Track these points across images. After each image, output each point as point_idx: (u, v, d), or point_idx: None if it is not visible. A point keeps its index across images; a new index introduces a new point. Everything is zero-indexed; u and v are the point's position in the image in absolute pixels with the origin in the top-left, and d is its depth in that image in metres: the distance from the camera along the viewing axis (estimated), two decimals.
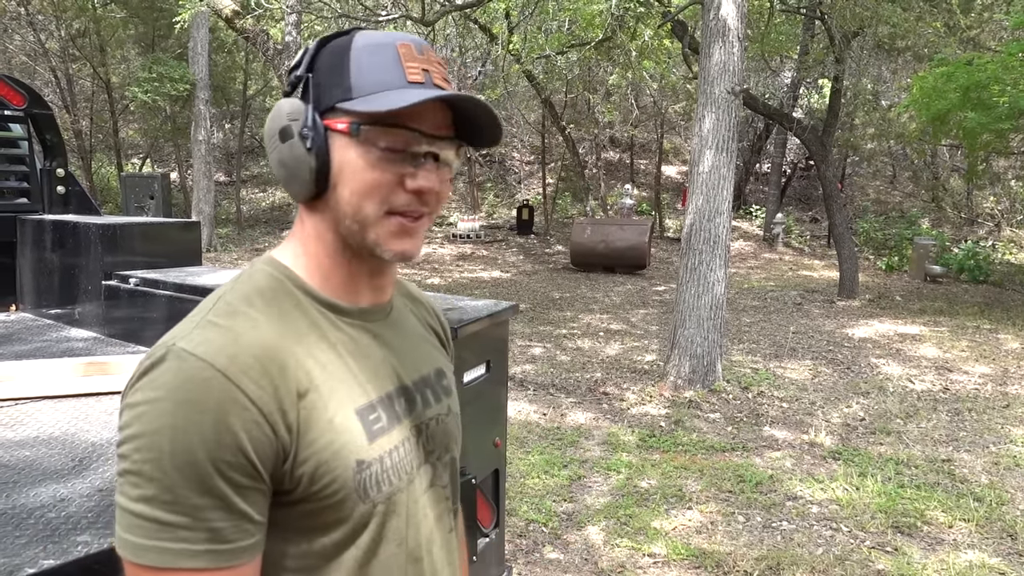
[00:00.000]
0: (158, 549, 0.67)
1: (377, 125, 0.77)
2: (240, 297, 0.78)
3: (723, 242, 5.78)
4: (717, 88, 5.67)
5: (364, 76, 0.78)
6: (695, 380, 5.77)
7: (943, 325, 8.72)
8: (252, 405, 0.70)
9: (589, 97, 16.50)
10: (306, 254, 0.84)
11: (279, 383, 0.73)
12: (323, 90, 0.80)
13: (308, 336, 0.79)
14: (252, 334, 0.74)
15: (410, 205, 0.80)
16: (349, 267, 0.84)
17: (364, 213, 0.79)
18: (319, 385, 0.77)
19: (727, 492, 4.01)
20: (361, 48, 0.80)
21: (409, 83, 0.78)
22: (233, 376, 0.70)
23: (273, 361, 0.74)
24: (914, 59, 13.37)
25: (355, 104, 0.77)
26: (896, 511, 3.77)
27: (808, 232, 17.40)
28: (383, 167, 0.78)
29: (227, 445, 0.68)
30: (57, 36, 17.02)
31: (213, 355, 0.71)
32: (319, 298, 0.82)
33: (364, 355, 0.83)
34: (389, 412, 0.83)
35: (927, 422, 5.24)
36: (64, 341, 2.50)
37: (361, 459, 0.78)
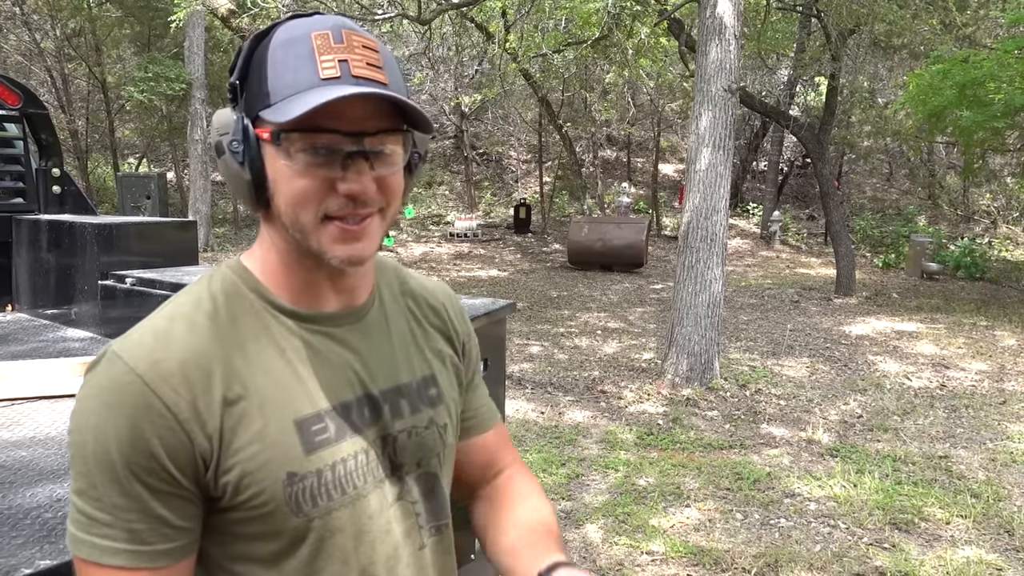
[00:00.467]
0: (88, 543, 0.70)
1: (295, 132, 0.72)
2: (191, 300, 0.78)
3: (720, 240, 5.78)
4: (714, 86, 5.67)
5: (278, 78, 0.74)
6: (693, 378, 5.77)
7: (940, 322, 8.74)
8: (167, 412, 0.70)
9: (586, 95, 16.52)
10: (264, 260, 0.82)
11: (201, 390, 0.72)
12: (249, 99, 0.76)
13: (254, 342, 0.77)
14: (185, 339, 0.74)
15: (344, 208, 0.75)
16: (307, 273, 0.81)
17: (301, 222, 0.75)
18: (255, 393, 0.75)
19: (725, 490, 4.02)
20: (277, 45, 0.75)
21: (322, 81, 0.72)
22: (151, 382, 0.70)
23: (200, 367, 0.73)
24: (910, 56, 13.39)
25: (270, 113, 0.73)
26: (894, 508, 3.78)
27: (805, 230, 17.42)
28: (310, 173, 0.74)
29: (141, 450, 0.70)
30: (53, 36, 16.96)
31: (137, 360, 0.71)
32: (274, 303, 0.80)
33: (320, 362, 0.80)
34: (342, 422, 0.80)
35: (924, 419, 5.25)
36: (60, 341, 2.49)
37: (293, 471, 0.75)
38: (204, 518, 0.76)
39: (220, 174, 0.81)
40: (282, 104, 0.72)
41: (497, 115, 19.53)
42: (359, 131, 0.73)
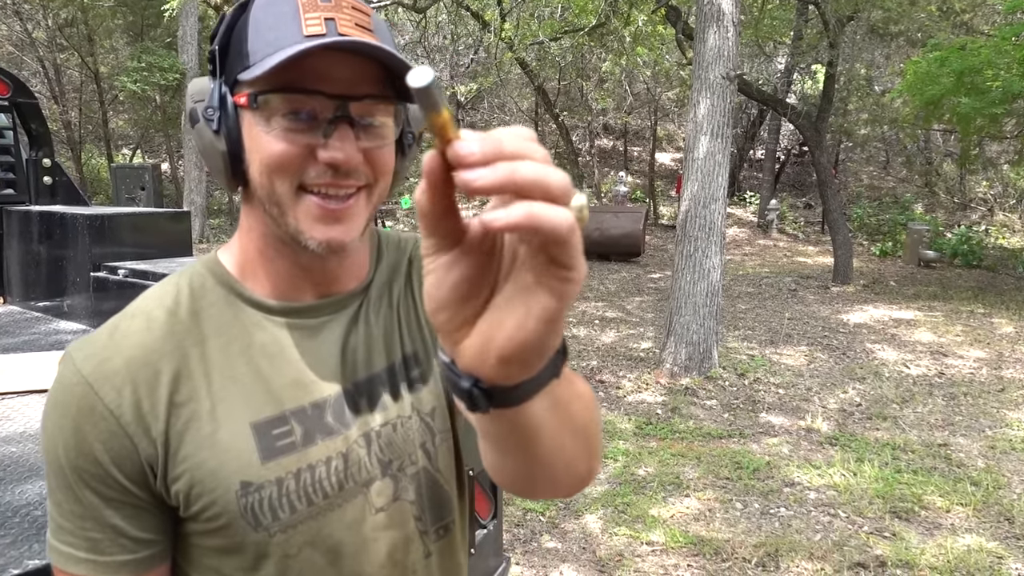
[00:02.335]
0: (56, 549, 0.69)
1: (273, 92, 0.66)
2: (156, 295, 0.73)
3: (719, 229, 5.75)
4: (712, 73, 5.62)
5: (259, 38, 0.67)
6: (691, 367, 5.76)
7: (937, 310, 8.73)
8: (109, 415, 0.66)
9: (582, 84, 16.44)
10: (241, 249, 0.76)
11: (146, 391, 0.67)
12: (228, 64, 0.70)
13: (216, 338, 0.71)
14: (137, 336, 0.69)
15: (323, 177, 0.67)
16: (284, 262, 0.73)
17: (277, 193, 0.68)
18: (208, 394, 0.69)
19: (724, 479, 4.00)
20: (260, 5, 0.68)
21: (305, 38, 0.65)
22: (94, 383, 0.67)
23: (147, 365, 0.68)
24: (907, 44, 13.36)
25: (247, 74, 0.66)
26: (894, 496, 3.77)
27: (802, 218, 17.40)
28: (289, 139, 0.66)
29: (86, 456, 0.66)
30: (44, 26, 16.82)
31: (85, 359, 0.68)
32: (244, 296, 0.74)
33: (291, 359, 0.73)
34: (314, 423, 0.72)
35: (923, 407, 5.24)
36: (53, 334, 2.46)
37: (247, 480, 0.68)
38: (173, 528, 0.72)
39: (198, 149, 0.73)
40: (260, 63, 0.66)
41: (493, 104, 19.45)
42: (345, 94, 0.66)
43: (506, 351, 0.42)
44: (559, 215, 0.37)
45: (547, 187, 0.38)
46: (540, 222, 0.37)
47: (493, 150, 0.37)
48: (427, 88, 0.37)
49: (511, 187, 0.37)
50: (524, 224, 0.37)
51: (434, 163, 0.39)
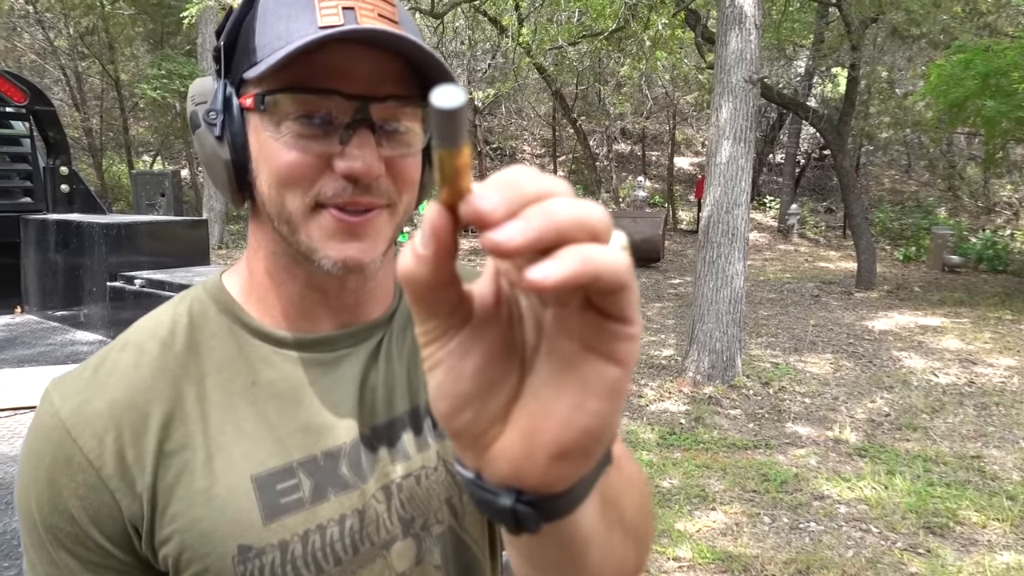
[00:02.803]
0: None
1: (283, 92, 0.57)
2: (149, 324, 0.65)
3: (742, 234, 5.65)
4: (734, 77, 5.53)
5: (268, 30, 0.58)
6: (714, 375, 5.65)
7: (964, 316, 8.55)
8: (89, 466, 0.57)
9: (600, 89, 16.37)
10: (249, 272, 0.67)
11: (131, 439, 0.58)
12: (236, 60, 0.61)
13: (216, 375, 0.62)
14: (122, 375, 0.60)
15: (342, 194, 0.58)
16: (298, 286, 0.65)
17: (287, 209, 0.59)
18: (204, 442, 0.60)
19: (751, 492, 3.90)
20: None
21: (320, 29, 0.56)
22: (72, 428, 0.58)
23: (133, 408, 0.59)
24: (930, 46, 13.15)
25: (253, 72, 0.58)
26: (927, 511, 3.65)
27: (823, 223, 17.20)
28: (301, 146, 0.58)
29: (61, 511, 0.58)
30: (66, 34, 17.01)
31: (64, 400, 0.59)
32: (250, 326, 0.65)
33: (302, 399, 0.63)
34: (326, 476, 0.62)
35: (954, 417, 5.10)
36: (69, 345, 2.42)
37: (246, 544, 0.58)
38: None
39: (200, 158, 0.64)
40: (267, 59, 0.57)
41: (510, 109, 19.42)
42: (365, 94, 0.58)
43: (562, 444, 0.32)
44: (616, 257, 0.29)
45: (591, 226, 0.29)
46: (599, 269, 0.28)
47: (517, 196, 0.29)
48: (455, 112, 0.28)
49: (552, 236, 0.28)
50: (582, 274, 0.28)
51: (443, 222, 0.30)
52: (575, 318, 0.31)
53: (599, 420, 0.32)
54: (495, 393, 0.33)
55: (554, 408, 0.32)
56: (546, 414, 0.32)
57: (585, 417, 0.32)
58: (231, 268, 0.70)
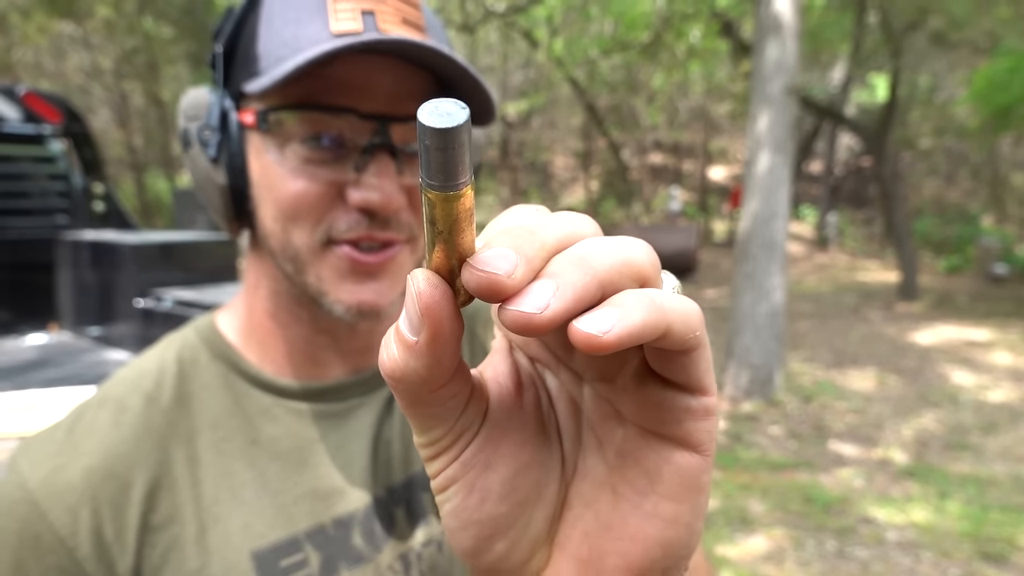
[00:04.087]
0: None
1: (289, 110, 0.50)
2: (133, 374, 0.57)
3: (780, 247, 5.51)
4: (772, 86, 5.41)
5: (273, 36, 0.51)
6: (753, 391, 5.51)
7: (1014, 329, 8.25)
8: (60, 546, 0.49)
9: (633, 101, 16.29)
10: (247, 312, 0.59)
11: (110, 513, 0.50)
12: (233, 71, 0.54)
13: (210, 432, 0.54)
14: (100, 436, 0.52)
15: (357, 228, 0.51)
16: (299, 328, 0.57)
17: (293, 245, 0.52)
18: (195, 513, 0.52)
19: (794, 514, 3.76)
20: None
21: (334, 36, 0.49)
22: (42, 500, 0.49)
23: (113, 476, 0.51)
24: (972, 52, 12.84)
25: (255, 84, 0.50)
26: (982, 536, 3.47)
27: (862, 233, 16.84)
28: (309, 173, 0.51)
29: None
30: (111, 55, 17.50)
31: (34, 467, 0.51)
32: (249, 374, 0.57)
33: (307, 459, 0.56)
34: (336, 548, 0.55)
35: (1007, 436, 4.88)
36: (100, 365, 2.41)
37: None
38: None
39: (192, 179, 0.56)
40: (272, 70, 0.49)
41: (543, 122, 19.43)
42: (385, 113, 0.50)
43: (634, 567, 0.24)
44: (686, 304, 0.22)
45: (638, 269, 0.22)
46: (670, 318, 0.21)
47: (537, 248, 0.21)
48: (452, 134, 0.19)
49: (594, 291, 0.21)
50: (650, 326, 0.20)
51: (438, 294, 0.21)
52: (629, 394, 0.23)
53: (679, 529, 0.24)
54: (534, 510, 0.25)
55: (616, 519, 0.24)
56: (607, 528, 0.24)
57: (660, 527, 0.24)
58: (226, 308, 0.62)
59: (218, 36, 0.55)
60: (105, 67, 17.75)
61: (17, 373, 2.28)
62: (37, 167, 3.06)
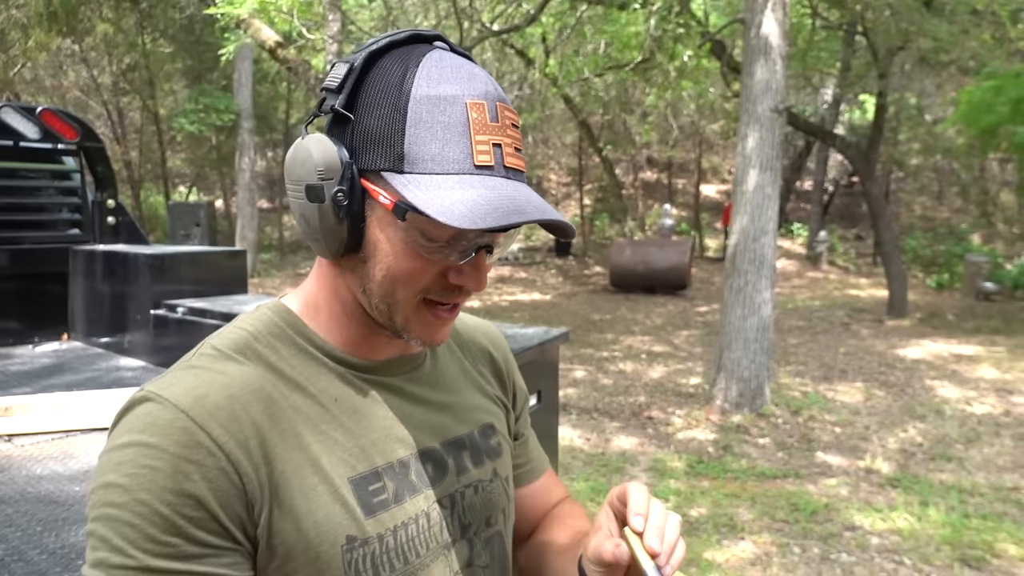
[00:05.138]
0: None
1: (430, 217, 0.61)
2: (230, 342, 0.69)
3: (769, 262, 5.65)
4: (760, 106, 5.58)
5: (421, 144, 0.62)
6: (743, 404, 5.62)
7: (1000, 345, 8.40)
8: (218, 450, 0.60)
9: (626, 118, 16.49)
10: (317, 305, 0.72)
11: (251, 432, 0.62)
12: (367, 146, 0.64)
13: (301, 390, 0.68)
14: (229, 377, 0.64)
15: (449, 296, 0.68)
16: (366, 325, 0.72)
17: (396, 298, 0.67)
18: (304, 446, 0.65)
19: (781, 521, 3.87)
20: (422, 100, 0.62)
21: (476, 168, 0.62)
22: (197, 417, 0.60)
23: (247, 407, 0.63)
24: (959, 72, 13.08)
25: (407, 187, 0.61)
26: (962, 543, 3.59)
27: (852, 250, 17.04)
28: (426, 255, 0.64)
29: (187, 497, 0.58)
30: (109, 71, 17.64)
31: (179, 396, 0.61)
32: (325, 349, 0.71)
33: (374, 414, 0.71)
34: (401, 481, 0.70)
35: (990, 448, 5.01)
36: (114, 371, 2.52)
37: (352, 535, 0.65)
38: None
39: (294, 208, 0.67)
40: (424, 181, 0.61)
41: (537, 139, 19.62)
42: (486, 229, 0.61)
43: None
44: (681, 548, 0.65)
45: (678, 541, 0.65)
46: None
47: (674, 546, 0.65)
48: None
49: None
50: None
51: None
52: None
53: None
54: None
55: None
56: None
57: None
58: (292, 296, 0.75)
59: (339, 91, 0.65)
60: (103, 83, 17.89)
61: (36, 378, 2.38)
62: (53, 182, 3.18)
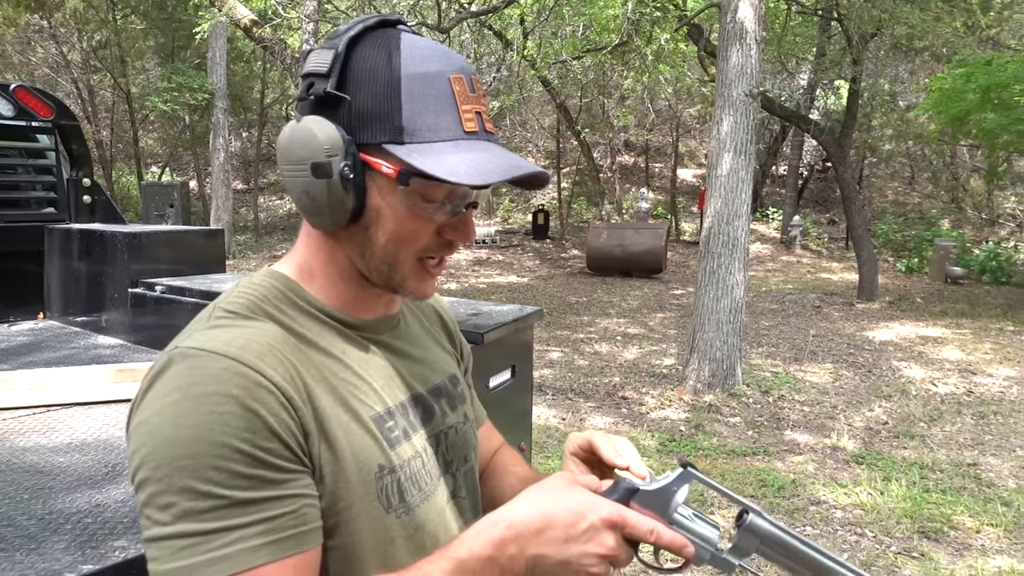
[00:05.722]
0: (210, 561, 0.60)
1: (427, 179, 0.69)
2: (240, 304, 0.74)
3: (742, 245, 5.75)
4: (735, 91, 5.65)
5: (417, 117, 0.70)
6: (715, 384, 5.74)
7: (965, 327, 8.62)
8: (275, 388, 0.65)
9: (604, 101, 16.51)
10: (313, 272, 0.78)
11: (295, 373, 0.69)
12: (366, 123, 0.71)
13: (314, 344, 0.74)
14: (258, 331, 0.70)
15: (442, 251, 0.77)
16: (358, 288, 0.79)
17: (399, 259, 0.75)
18: (332, 388, 0.72)
19: (749, 497, 3.98)
20: (412, 77, 0.70)
21: (466, 134, 0.71)
22: (249, 362, 0.65)
23: (284, 355, 0.69)
24: (932, 59, 13.27)
25: (411, 155, 0.69)
26: (922, 516, 3.73)
27: (826, 234, 17.28)
28: (426, 215, 0.73)
29: (261, 431, 0.63)
30: (79, 48, 17.28)
31: (225, 347, 0.66)
32: (324, 310, 0.77)
33: (374, 365, 0.79)
34: (405, 421, 0.79)
35: (952, 426, 5.17)
36: (92, 348, 2.53)
37: (383, 463, 0.73)
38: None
39: (293, 186, 0.73)
40: (425, 149, 0.70)
41: (515, 121, 19.59)
42: (470, 185, 0.70)
43: None
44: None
45: None
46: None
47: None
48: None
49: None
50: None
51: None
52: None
53: None
54: None
55: None
56: None
57: None
58: (285, 264, 0.81)
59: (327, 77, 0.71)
60: (73, 60, 17.52)
61: (13, 356, 2.39)
62: (27, 160, 3.16)
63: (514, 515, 0.68)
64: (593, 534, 0.69)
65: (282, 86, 19.62)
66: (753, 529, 0.75)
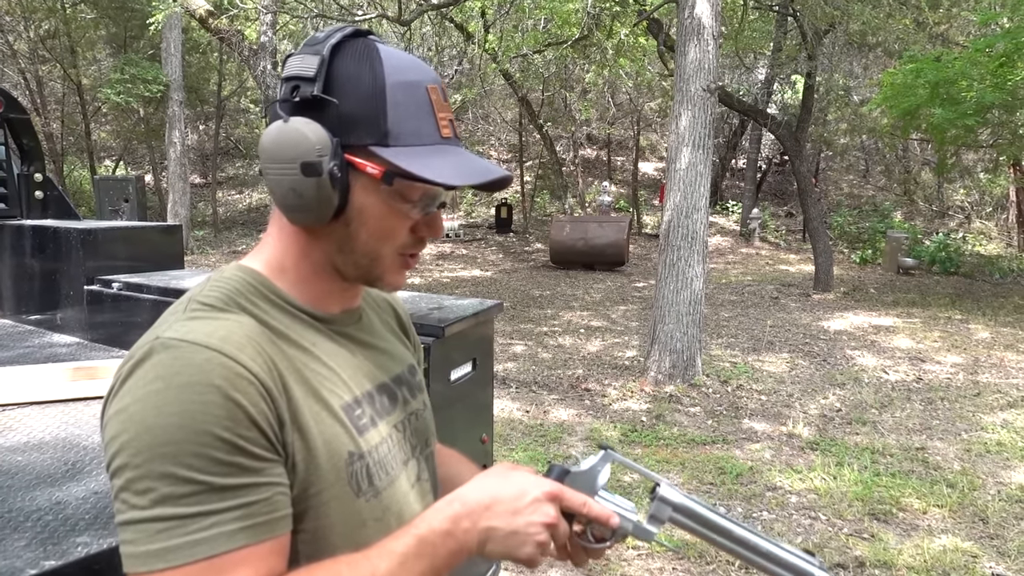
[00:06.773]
0: (188, 544, 0.63)
1: (410, 180, 0.75)
2: (215, 298, 0.76)
3: (701, 238, 5.85)
4: (693, 86, 5.73)
5: (401, 122, 0.76)
6: (675, 375, 5.84)
7: (916, 316, 8.89)
8: (255, 379, 0.68)
9: (566, 95, 16.58)
10: (284, 267, 0.81)
11: (272, 365, 0.72)
12: (352, 126, 0.75)
13: (286, 336, 0.77)
14: (235, 323, 0.73)
15: (417, 247, 0.83)
16: (330, 282, 0.83)
17: (380, 254, 0.81)
18: (305, 379, 0.76)
19: (708, 484, 4.08)
20: (395, 86, 0.76)
21: (443, 139, 0.79)
22: (231, 353, 0.68)
23: (263, 345, 0.72)
24: (885, 55, 13.60)
25: (396, 157, 0.75)
26: (872, 499, 3.86)
27: (784, 227, 17.62)
28: (404, 213, 0.80)
29: (241, 420, 0.66)
30: (26, 37, 16.75)
31: (205, 339, 0.68)
32: (294, 304, 0.81)
33: (342, 356, 0.83)
34: (371, 409, 0.83)
35: (901, 411, 5.35)
36: (47, 347, 2.49)
37: (352, 450, 0.77)
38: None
39: (279, 184, 0.76)
40: (409, 153, 0.76)
41: (477, 115, 19.55)
42: (454, 186, 0.76)
43: None
44: None
45: None
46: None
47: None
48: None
49: None
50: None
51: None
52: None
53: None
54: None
55: None
56: None
57: None
58: (254, 259, 0.83)
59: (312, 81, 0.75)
60: (19, 49, 16.98)
61: None
62: None
63: (467, 494, 0.76)
64: (536, 506, 0.77)
65: (239, 78, 19.28)
66: (664, 499, 0.85)
